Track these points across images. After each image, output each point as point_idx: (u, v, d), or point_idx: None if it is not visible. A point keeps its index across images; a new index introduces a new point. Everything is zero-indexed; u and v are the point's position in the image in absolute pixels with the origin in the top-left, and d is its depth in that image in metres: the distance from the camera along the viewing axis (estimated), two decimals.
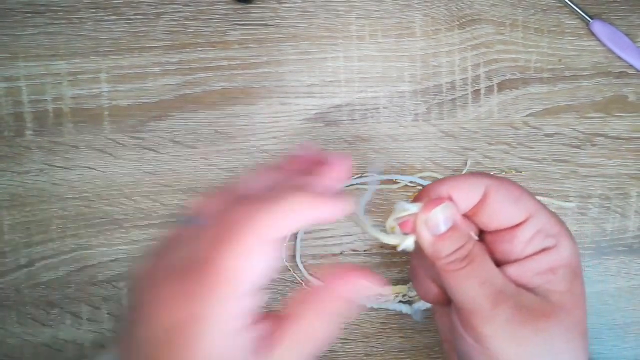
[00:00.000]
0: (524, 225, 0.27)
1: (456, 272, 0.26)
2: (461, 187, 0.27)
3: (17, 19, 0.38)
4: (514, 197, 0.27)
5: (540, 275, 0.26)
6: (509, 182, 0.28)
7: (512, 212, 0.27)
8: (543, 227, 0.27)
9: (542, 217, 0.27)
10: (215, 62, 0.38)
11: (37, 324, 0.39)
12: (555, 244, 0.27)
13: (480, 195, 0.27)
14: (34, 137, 0.38)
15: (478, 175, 0.28)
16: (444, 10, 0.39)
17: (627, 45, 0.39)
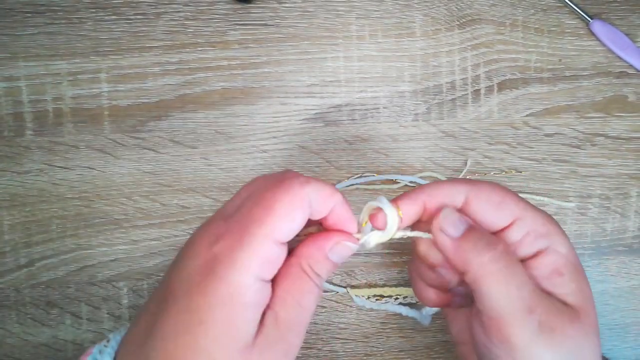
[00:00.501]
0: (511, 229, 0.26)
1: (493, 275, 0.25)
2: (438, 196, 0.27)
3: (17, 18, 0.38)
4: (495, 202, 0.26)
5: (549, 280, 0.26)
6: (488, 187, 0.27)
7: (495, 217, 0.26)
8: (531, 229, 0.26)
9: (528, 219, 0.27)
10: (215, 62, 0.38)
11: (37, 324, 0.39)
12: (549, 245, 0.26)
13: (460, 203, 0.27)
14: (34, 137, 0.38)
15: (455, 183, 0.27)
16: (444, 10, 0.39)
17: (627, 45, 0.39)
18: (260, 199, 0.24)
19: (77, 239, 0.39)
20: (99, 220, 0.39)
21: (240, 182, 0.39)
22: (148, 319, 0.23)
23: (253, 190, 0.25)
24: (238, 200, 0.25)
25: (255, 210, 0.23)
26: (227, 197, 0.39)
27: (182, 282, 0.23)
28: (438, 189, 0.27)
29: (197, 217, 0.39)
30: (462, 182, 0.27)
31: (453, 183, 0.27)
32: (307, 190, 0.24)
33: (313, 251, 0.25)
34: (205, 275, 0.22)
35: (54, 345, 0.39)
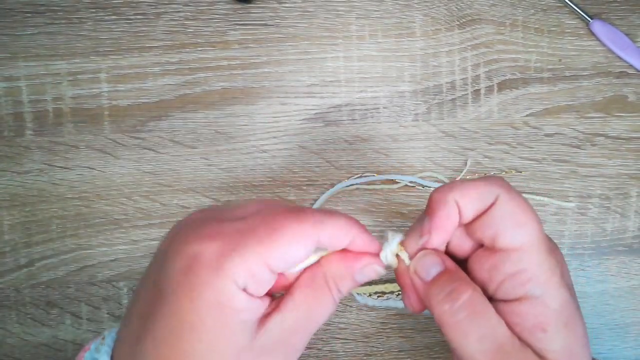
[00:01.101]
0: (511, 256, 0.24)
1: (453, 325, 0.24)
2: (471, 195, 0.25)
3: (17, 19, 0.38)
4: (519, 219, 0.24)
5: (530, 332, 0.24)
6: (522, 200, 0.25)
7: (508, 234, 0.24)
8: (529, 269, 0.24)
9: (533, 257, 0.24)
10: (215, 62, 0.38)
11: (37, 324, 0.39)
12: (540, 294, 0.24)
13: (488, 204, 0.25)
14: (34, 137, 0.38)
15: (490, 182, 0.25)
16: (444, 10, 0.39)
17: (627, 45, 0.39)
18: (270, 218, 0.23)
19: (77, 239, 0.39)
20: (99, 220, 0.39)
21: (240, 182, 0.39)
22: (139, 317, 0.23)
23: (263, 208, 0.24)
24: (240, 212, 0.24)
25: (260, 226, 0.22)
26: (227, 197, 0.39)
27: (167, 281, 0.22)
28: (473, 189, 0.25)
29: None
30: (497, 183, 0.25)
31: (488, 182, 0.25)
32: (318, 232, 0.23)
33: (342, 269, 0.24)
34: (186, 275, 0.22)
35: (54, 345, 0.39)
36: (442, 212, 0.25)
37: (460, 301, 0.24)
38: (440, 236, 0.25)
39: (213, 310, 0.21)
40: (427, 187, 0.39)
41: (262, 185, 0.39)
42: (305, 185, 0.39)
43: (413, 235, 0.27)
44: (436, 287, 0.25)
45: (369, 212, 0.39)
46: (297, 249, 0.23)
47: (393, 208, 0.39)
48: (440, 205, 0.25)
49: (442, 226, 0.25)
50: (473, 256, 0.26)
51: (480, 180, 0.25)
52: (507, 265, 0.24)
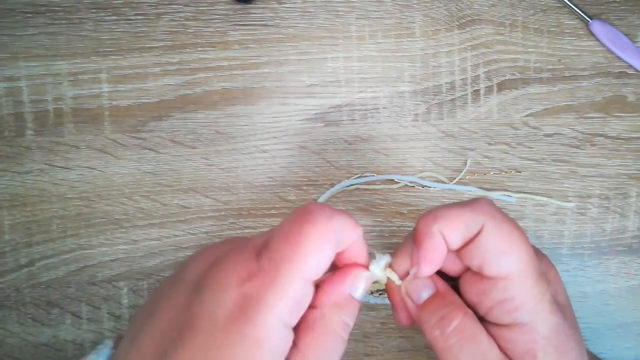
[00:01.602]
0: (498, 284, 0.24)
1: (445, 349, 0.24)
2: (456, 225, 0.25)
3: (17, 19, 0.38)
4: (505, 248, 0.24)
5: (521, 358, 0.24)
6: (509, 227, 0.25)
7: (494, 263, 0.24)
8: (516, 297, 0.24)
9: (520, 285, 0.24)
10: (216, 62, 0.38)
11: (38, 324, 0.39)
12: (529, 321, 0.24)
13: (474, 233, 0.25)
14: (34, 137, 0.38)
15: (476, 210, 0.25)
16: (444, 11, 0.39)
17: (626, 46, 0.39)
18: (288, 234, 0.23)
19: (77, 239, 0.39)
20: (99, 220, 0.39)
21: (241, 182, 0.39)
22: (156, 345, 0.22)
23: (278, 227, 0.24)
24: (263, 236, 0.24)
25: (284, 246, 0.23)
26: (227, 197, 0.39)
27: (206, 317, 0.22)
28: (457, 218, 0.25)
29: (197, 217, 0.39)
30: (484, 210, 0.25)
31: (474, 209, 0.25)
32: (333, 223, 0.23)
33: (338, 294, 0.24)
34: (233, 314, 0.21)
35: (54, 345, 0.39)
36: (429, 244, 0.25)
37: (451, 327, 0.24)
38: (429, 267, 0.25)
39: (247, 348, 0.21)
40: (427, 187, 0.39)
41: (262, 185, 0.39)
42: (305, 185, 0.39)
43: (403, 255, 0.27)
44: (427, 312, 0.25)
45: (369, 212, 0.39)
46: (324, 250, 0.23)
47: (393, 208, 0.39)
48: (426, 237, 0.25)
49: (430, 258, 0.25)
50: (464, 277, 0.26)
51: (465, 208, 0.25)
52: (494, 293, 0.25)
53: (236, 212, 0.39)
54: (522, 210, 0.39)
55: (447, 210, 0.25)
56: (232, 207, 0.39)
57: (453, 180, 0.39)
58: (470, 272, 0.26)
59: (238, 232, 0.39)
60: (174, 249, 0.39)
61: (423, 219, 0.25)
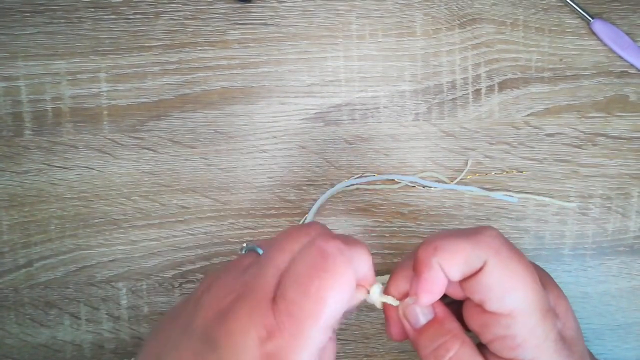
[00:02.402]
0: (500, 320, 0.24)
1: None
2: (456, 260, 0.24)
3: (16, 18, 0.38)
4: (509, 286, 0.23)
5: None
6: (513, 265, 0.24)
7: (496, 301, 0.24)
8: (519, 334, 0.23)
9: (524, 323, 0.23)
10: (215, 61, 0.38)
11: (36, 325, 0.39)
12: (532, 359, 0.24)
13: (476, 269, 0.24)
14: (32, 137, 0.38)
15: (478, 244, 0.24)
16: (445, 10, 0.39)
17: (628, 45, 0.38)
18: (307, 286, 0.21)
19: (76, 239, 0.38)
20: (98, 220, 0.38)
21: (240, 182, 0.39)
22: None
23: (292, 269, 0.23)
24: (274, 276, 0.23)
25: (303, 300, 0.21)
26: (226, 197, 0.39)
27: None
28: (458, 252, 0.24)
29: (196, 218, 0.39)
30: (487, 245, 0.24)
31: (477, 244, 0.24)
32: (352, 268, 0.22)
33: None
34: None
35: (52, 346, 0.39)
36: (427, 276, 0.24)
37: (446, 358, 0.24)
38: (428, 298, 0.25)
39: None
40: (428, 187, 0.39)
41: (262, 185, 0.39)
42: (305, 185, 0.39)
43: (401, 276, 0.26)
44: (424, 338, 0.25)
45: (369, 212, 0.39)
46: (344, 297, 0.22)
47: (393, 208, 0.39)
48: (425, 268, 0.24)
49: (429, 290, 0.25)
50: (466, 304, 0.26)
51: (468, 241, 0.24)
52: (496, 328, 0.24)
53: (236, 212, 0.39)
54: (523, 210, 0.39)
55: (448, 241, 0.24)
56: (231, 207, 0.39)
57: (454, 180, 0.39)
58: (472, 302, 0.25)
59: (237, 232, 0.39)
60: (172, 250, 0.39)
61: (423, 248, 0.25)
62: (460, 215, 0.39)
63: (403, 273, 0.26)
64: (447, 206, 0.39)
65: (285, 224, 0.39)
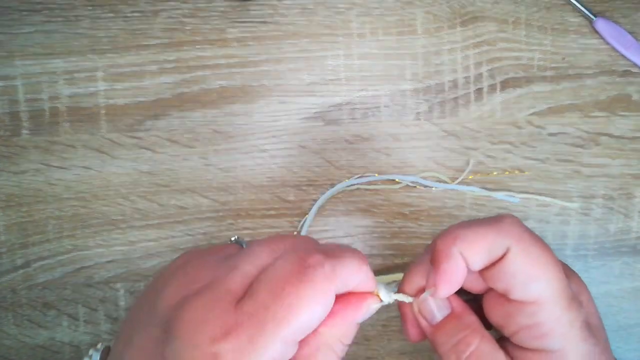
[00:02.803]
0: (525, 309, 0.23)
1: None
2: (478, 248, 0.23)
3: (13, 16, 0.37)
4: (533, 274, 0.23)
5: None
6: (537, 250, 0.23)
7: (521, 289, 0.23)
8: (545, 323, 0.23)
9: (550, 311, 0.23)
10: (214, 60, 0.38)
11: (34, 326, 0.38)
12: (560, 348, 0.23)
13: (498, 257, 0.23)
14: (30, 137, 0.38)
15: (500, 232, 0.23)
16: (446, 8, 0.38)
17: (631, 44, 0.38)
18: (280, 292, 0.20)
19: (73, 240, 0.38)
20: (95, 220, 0.38)
21: (239, 182, 0.38)
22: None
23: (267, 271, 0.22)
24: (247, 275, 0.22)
25: (273, 306, 0.20)
26: (225, 198, 0.38)
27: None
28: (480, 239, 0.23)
29: (195, 218, 0.38)
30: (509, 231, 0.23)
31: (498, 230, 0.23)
32: (333, 286, 0.21)
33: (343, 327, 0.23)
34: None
35: (50, 347, 0.38)
36: (447, 265, 0.23)
37: (467, 353, 0.23)
38: (447, 290, 0.24)
39: None
40: (429, 187, 0.39)
41: (261, 185, 0.38)
42: (305, 185, 0.39)
43: (416, 273, 0.25)
44: (442, 335, 0.24)
45: (369, 213, 0.39)
46: (317, 312, 0.21)
47: (394, 208, 0.39)
48: (445, 258, 0.23)
49: (448, 280, 0.24)
50: (487, 296, 0.25)
51: (489, 228, 0.23)
52: (521, 318, 0.23)
53: (235, 212, 0.38)
54: (525, 210, 0.39)
55: (469, 230, 0.24)
56: (230, 208, 0.38)
57: (455, 180, 0.39)
58: (494, 292, 0.25)
59: (237, 232, 0.38)
60: (171, 250, 0.38)
61: (442, 238, 0.24)
62: (461, 216, 0.39)
63: (417, 269, 0.26)
64: (448, 206, 0.39)
65: (285, 224, 0.39)
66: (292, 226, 0.39)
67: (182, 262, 0.24)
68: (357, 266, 0.23)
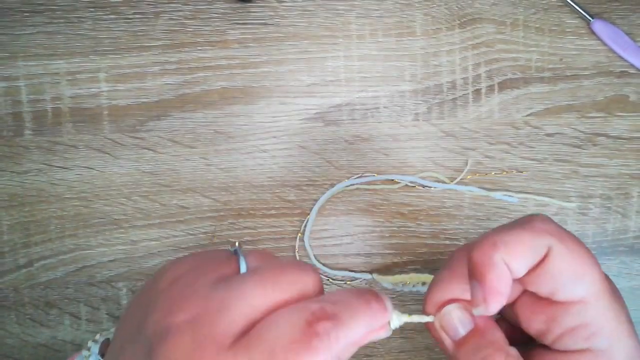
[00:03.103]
0: (571, 309, 0.22)
1: None
2: (520, 252, 0.22)
3: (15, 18, 0.38)
4: (578, 271, 0.22)
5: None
6: (578, 248, 0.22)
7: (568, 289, 0.22)
8: (594, 322, 0.22)
9: (597, 309, 0.22)
10: (215, 61, 0.38)
11: (36, 325, 0.39)
12: (608, 346, 0.22)
13: (540, 258, 0.22)
14: (32, 137, 0.38)
15: (539, 233, 0.22)
16: (445, 10, 0.39)
17: (628, 45, 0.38)
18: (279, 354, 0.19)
19: (76, 239, 0.38)
20: (98, 220, 0.38)
21: (240, 182, 0.39)
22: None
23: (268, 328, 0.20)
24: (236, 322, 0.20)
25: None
26: (226, 198, 0.39)
27: None
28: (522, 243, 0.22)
29: (196, 217, 0.39)
30: (548, 231, 0.22)
31: (538, 232, 0.22)
32: (336, 351, 0.20)
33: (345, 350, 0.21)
34: None
35: (53, 346, 0.39)
36: (494, 275, 0.22)
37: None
38: (498, 303, 0.22)
39: None
40: (428, 187, 0.39)
41: (262, 185, 0.39)
42: (305, 185, 0.39)
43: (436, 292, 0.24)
44: (465, 352, 0.23)
45: (369, 213, 0.39)
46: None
47: (393, 208, 0.39)
48: (489, 268, 0.22)
49: (498, 292, 0.22)
50: (521, 302, 0.24)
51: (525, 231, 0.22)
52: (567, 319, 0.22)
53: (235, 212, 0.39)
54: (523, 210, 0.39)
55: (506, 235, 0.22)
56: (231, 207, 0.39)
57: (454, 180, 0.39)
58: (530, 298, 0.23)
59: (237, 232, 0.39)
60: (172, 250, 0.39)
61: (480, 248, 0.22)
62: (460, 215, 0.39)
63: (437, 287, 0.24)
64: (447, 206, 0.39)
65: (285, 223, 0.39)
66: (292, 225, 0.39)
67: (172, 277, 0.22)
68: (369, 323, 0.21)
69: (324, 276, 0.39)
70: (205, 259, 0.23)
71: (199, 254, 0.24)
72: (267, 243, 0.39)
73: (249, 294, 0.20)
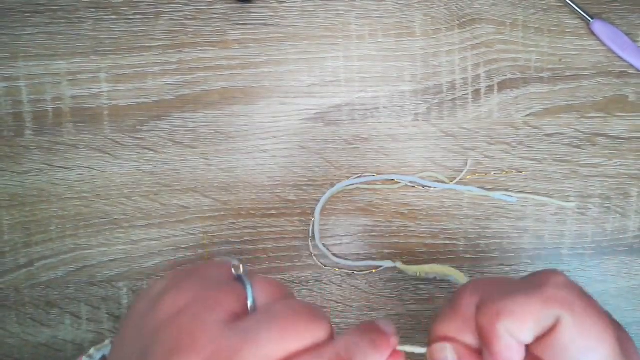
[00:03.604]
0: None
1: None
2: (525, 324, 0.21)
3: (16, 18, 0.38)
4: (589, 345, 0.21)
5: None
6: (591, 319, 0.21)
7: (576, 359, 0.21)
8: None
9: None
10: (215, 61, 0.38)
11: (37, 324, 0.39)
12: None
13: (548, 328, 0.21)
14: (33, 137, 0.38)
15: (549, 302, 0.21)
16: (444, 10, 0.39)
17: (627, 45, 0.39)
18: None
19: (76, 239, 0.38)
20: (98, 220, 0.38)
21: (240, 182, 0.39)
22: None
23: None
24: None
25: None
26: (226, 197, 0.39)
27: None
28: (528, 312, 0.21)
29: (196, 217, 0.39)
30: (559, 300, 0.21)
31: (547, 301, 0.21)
32: None
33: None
34: None
35: (53, 346, 0.39)
36: (499, 346, 0.21)
37: None
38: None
39: None
40: (427, 187, 0.39)
41: (262, 185, 0.39)
42: (305, 185, 0.39)
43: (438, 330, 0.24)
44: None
45: (369, 212, 0.39)
46: None
47: (393, 208, 0.39)
48: (494, 339, 0.21)
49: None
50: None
51: (534, 298, 0.21)
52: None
53: (236, 212, 0.39)
54: (523, 210, 0.39)
55: (512, 302, 0.21)
56: (231, 207, 0.39)
57: (453, 180, 0.39)
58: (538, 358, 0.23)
59: (238, 232, 0.39)
60: (173, 249, 0.39)
61: (484, 314, 0.22)
62: (459, 215, 0.39)
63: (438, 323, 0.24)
64: (446, 206, 0.39)
65: (285, 223, 0.39)
66: (292, 225, 0.39)
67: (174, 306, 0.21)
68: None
69: (343, 270, 0.39)
70: (208, 287, 0.22)
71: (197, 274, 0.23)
72: (267, 243, 0.39)
73: (264, 344, 0.20)
